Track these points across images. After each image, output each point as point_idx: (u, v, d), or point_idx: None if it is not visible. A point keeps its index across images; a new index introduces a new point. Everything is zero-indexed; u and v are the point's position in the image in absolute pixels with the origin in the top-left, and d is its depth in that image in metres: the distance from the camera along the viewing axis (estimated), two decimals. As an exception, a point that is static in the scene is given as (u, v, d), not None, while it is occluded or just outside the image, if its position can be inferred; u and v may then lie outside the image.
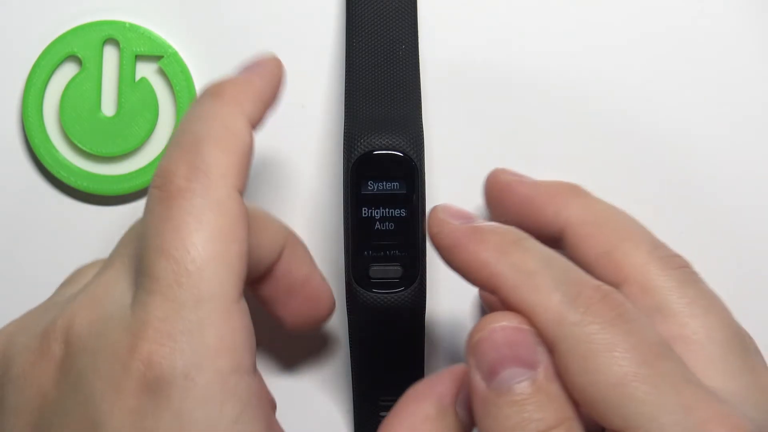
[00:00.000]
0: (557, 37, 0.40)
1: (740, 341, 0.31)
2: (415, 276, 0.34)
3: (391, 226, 0.34)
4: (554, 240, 0.33)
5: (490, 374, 0.28)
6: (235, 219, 0.30)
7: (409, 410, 0.32)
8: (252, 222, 0.32)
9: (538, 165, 0.39)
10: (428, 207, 0.34)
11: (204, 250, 0.29)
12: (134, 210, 0.40)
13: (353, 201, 0.34)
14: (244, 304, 0.30)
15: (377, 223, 0.34)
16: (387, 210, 0.34)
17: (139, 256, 0.29)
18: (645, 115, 0.40)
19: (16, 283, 0.40)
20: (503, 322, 0.29)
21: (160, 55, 0.40)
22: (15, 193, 0.40)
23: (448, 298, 0.39)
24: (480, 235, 0.30)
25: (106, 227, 0.40)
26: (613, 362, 0.27)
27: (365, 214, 0.34)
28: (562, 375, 0.28)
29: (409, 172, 0.34)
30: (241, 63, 0.33)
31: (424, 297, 0.34)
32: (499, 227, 0.30)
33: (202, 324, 0.28)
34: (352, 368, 0.37)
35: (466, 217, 0.31)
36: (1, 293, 0.34)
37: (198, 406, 0.28)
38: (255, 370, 0.30)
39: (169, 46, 0.40)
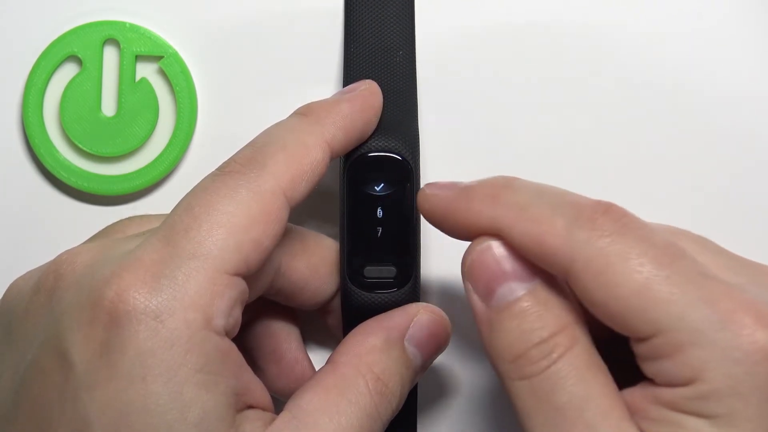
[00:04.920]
0: (552, 40, 0.40)
1: (716, 247, 0.31)
2: (408, 277, 0.34)
3: (386, 227, 0.34)
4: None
5: (487, 294, 0.29)
6: (267, 212, 0.30)
7: (356, 340, 0.32)
8: (318, 251, 0.35)
9: (534, 167, 0.39)
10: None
11: (223, 216, 0.30)
12: (134, 210, 0.40)
13: (349, 202, 0.34)
14: (240, 285, 0.30)
15: (372, 223, 0.34)
16: (382, 211, 0.34)
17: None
18: (636, 110, 0.40)
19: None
20: (491, 242, 0.29)
21: (160, 56, 0.40)
22: (15, 193, 0.40)
23: (442, 299, 0.39)
24: (469, 193, 0.30)
25: (106, 227, 0.40)
26: (631, 270, 0.27)
27: (360, 214, 0.34)
28: (581, 296, 0.28)
29: (404, 174, 0.34)
30: (340, 90, 0.34)
31: (418, 298, 0.35)
32: (485, 180, 0.30)
33: (188, 276, 0.29)
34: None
35: (452, 186, 0.31)
36: (1, 293, 0.34)
37: (162, 348, 0.28)
38: (231, 344, 0.30)
39: (169, 46, 0.40)
